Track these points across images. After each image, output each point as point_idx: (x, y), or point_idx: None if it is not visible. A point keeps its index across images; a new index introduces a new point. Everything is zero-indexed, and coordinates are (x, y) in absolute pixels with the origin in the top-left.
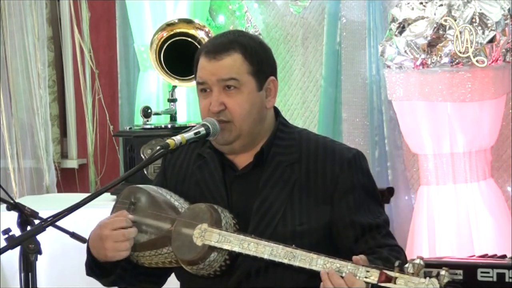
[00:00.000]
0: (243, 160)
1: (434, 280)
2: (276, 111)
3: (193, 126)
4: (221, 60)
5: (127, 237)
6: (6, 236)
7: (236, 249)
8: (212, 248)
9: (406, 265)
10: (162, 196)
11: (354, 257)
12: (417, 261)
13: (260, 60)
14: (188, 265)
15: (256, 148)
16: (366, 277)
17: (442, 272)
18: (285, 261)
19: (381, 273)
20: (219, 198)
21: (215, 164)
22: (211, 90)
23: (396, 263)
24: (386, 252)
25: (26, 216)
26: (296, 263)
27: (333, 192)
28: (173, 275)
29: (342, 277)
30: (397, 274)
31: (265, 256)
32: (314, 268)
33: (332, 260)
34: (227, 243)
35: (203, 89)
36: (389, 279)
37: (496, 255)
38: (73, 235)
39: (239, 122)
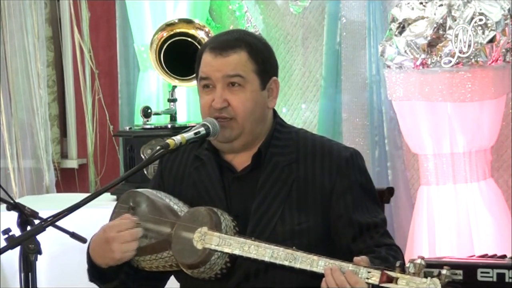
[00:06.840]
0: (240, 161)
1: (435, 280)
2: (274, 112)
3: (193, 126)
4: (228, 56)
5: (134, 237)
6: (6, 236)
7: (237, 252)
8: (212, 252)
9: (407, 265)
10: (161, 199)
11: (356, 258)
12: (418, 261)
13: (265, 60)
14: (189, 269)
15: (254, 149)
16: (367, 278)
17: (444, 272)
18: (286, 263)
19: (383, 273)
20: (217, 199)
21: (212, 166)
22: (214, 87)
23: (397, 263)
24: (384, 251)
25: (26, 216)
26: (297, 265)
27: (331, 191)
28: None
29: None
30: (398, 275)
31: (266, 259)
32: (315, 270)
33: (334, 261)
34: (228, 246)
35: (206, 85)
36: (391, 280)
37: (496, 255)
38: (73, 235)
39: (241, 120)
